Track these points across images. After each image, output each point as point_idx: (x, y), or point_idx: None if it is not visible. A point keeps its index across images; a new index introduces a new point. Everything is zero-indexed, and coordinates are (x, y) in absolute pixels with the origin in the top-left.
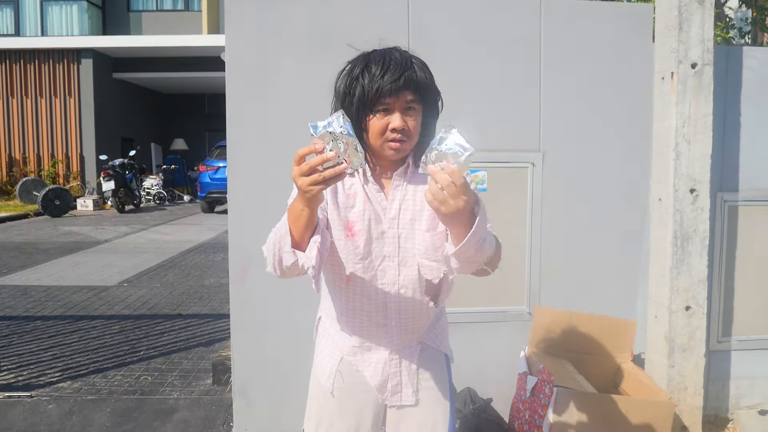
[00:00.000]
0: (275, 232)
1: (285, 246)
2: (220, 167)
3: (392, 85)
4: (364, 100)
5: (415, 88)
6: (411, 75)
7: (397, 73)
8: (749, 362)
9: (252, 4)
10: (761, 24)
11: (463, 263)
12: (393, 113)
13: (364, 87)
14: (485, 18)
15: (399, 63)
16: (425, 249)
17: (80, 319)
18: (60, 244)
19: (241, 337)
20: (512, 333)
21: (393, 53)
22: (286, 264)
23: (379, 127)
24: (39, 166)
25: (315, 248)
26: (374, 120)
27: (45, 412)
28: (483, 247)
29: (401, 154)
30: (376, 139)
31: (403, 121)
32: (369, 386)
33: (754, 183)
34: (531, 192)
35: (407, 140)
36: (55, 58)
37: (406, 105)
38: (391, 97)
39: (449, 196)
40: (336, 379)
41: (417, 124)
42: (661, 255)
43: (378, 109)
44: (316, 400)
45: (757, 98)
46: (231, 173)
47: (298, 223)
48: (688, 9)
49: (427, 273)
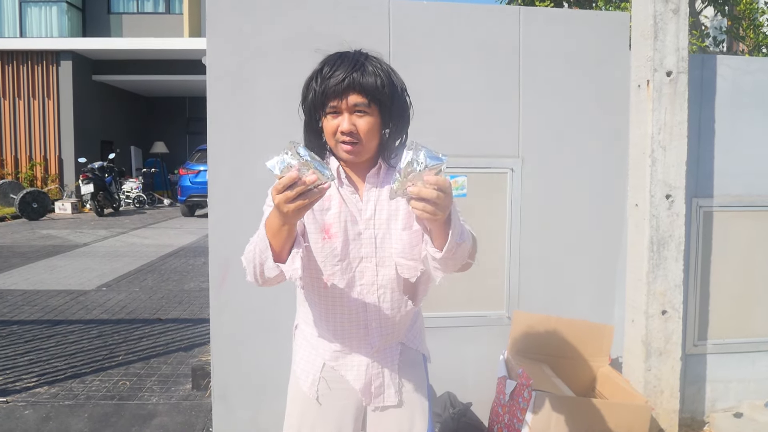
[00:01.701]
0: (254, 245)
1: (267, 261)
2: (200, 171)
3: (336, 87)
4: (315, 102)
5: (361, 91)
6: (357, 77)
7: (342, 75)
8: (725, 365)
9: (233, 9)
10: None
11: (448, 262)
12: (342, 115)
13: (315, 89)
14: (465, 25)
15: (349, 65)
16: (402, 248)
17: (58, 324)
18: (37, 247)
19: (221, 342)
20: (492, 337)
21: (347, 55)
22: (269, 276)
23: (330, 128)
24: (17, 169)
25: (299, 259)
26: (326, 121)
27: (21, 418)
28: (463, 240)
29: (357, 156)
30: (330, 140)
31: (350, 123)
32: (353, 390)
33: (729, 189)
34: (510, 197)
35: (359, 143)
36: (33, 59)
37: (354, 107)
38: (336, 98)
39: (442, 206)
40: (320, 386)
41: (371, 127)
42: (638, 260)
43: (327, 111)
44: (296, 406)
45: (730, 106)
46: (212, 178)
47: (278, 238)
48: (663, 18)
49: (405, 272)
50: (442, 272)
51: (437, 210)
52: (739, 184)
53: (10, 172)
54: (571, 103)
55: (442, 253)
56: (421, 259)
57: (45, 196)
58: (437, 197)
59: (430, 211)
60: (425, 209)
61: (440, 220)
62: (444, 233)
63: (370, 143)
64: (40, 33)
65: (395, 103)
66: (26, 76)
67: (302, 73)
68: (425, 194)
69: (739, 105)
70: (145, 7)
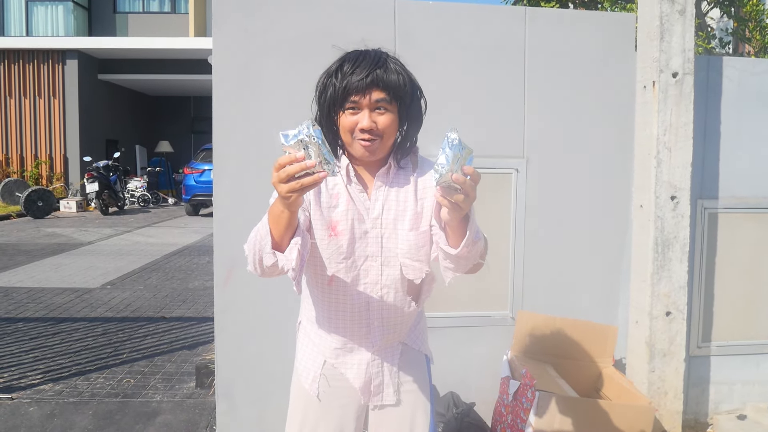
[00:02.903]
0: (256, 231)
1: (265, 247)
2: (205, 170)
3: (359, 83)
4: (335, 97)
5: (384, 87)
6: (381, 74)
7: (365, 71)
8: (729, 367)
9: (239, 8)
10: (741, 35)
11: (461, 261)
12: (362, 111)
13: (335, 84)
14: (470, 25)
15: (371, 61)
16: (408, 249)
17: (62, 322)
18: (42, 245)
19: (225, 341)
20: (495, 337)
21: (369, 52)
22: (266, 264)
23: (348, 124)
24: (22, 167)
25: (295, 250)
26: (343, 117)
27: (26, 415)
28: (479, 237)
29: (373, 154)
30: (346, 137)
31: (371, 120)
32: (353, 389)
33: (734, 190)
34: (515, 198)
35: (378, 140)
36: (40, 58)
37: (376, 104)
38: (358, 94)
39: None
40: (321, 383)
41: (390, 123)
42: (642, 261)
43: (347, 106)
44: (298, 404)
45: (736, 107)
46: (217, 176)
47: (278, 225)
48: (669, 19)
49: (410, 273)
50: (454, 272)
51: (467, 200)
52: (744, 186)
53: (15, 171)
54: (576, 103)
55: (459, 250)
56: (427, 261)
57: (50, 195)
58: (471, 187)
59: (460, 201)
60: (457, 198)
61: (465, 210)
62: (462, 229)
63: (389, 140)
64: (47, 32)
65: (413, 103)
66: (32, 75)
67: (308, 72)
68: (462, 183)
69: (745, 107)
70: (151, 6)
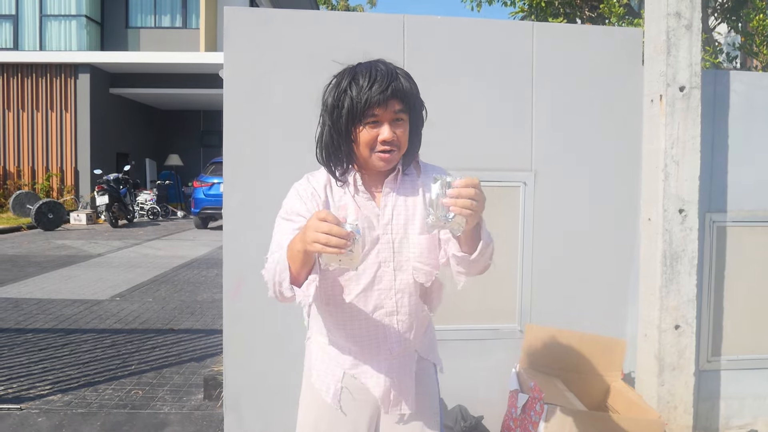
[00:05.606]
0: (275, 263)
1: (284, 282)
2: (214, 183)
3: (380, 96)
4: (354, 112)
5: (402, 98)
6: (398, 85)
7: (384, 84)
8: (739, 382)
9: (250, 22)
10: (749, 49)
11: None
12: (382, 125)
13: (353, 99)
14: (478, 40)
15: (385, 74)
16: (420, 252)
17: (71, 333)
18: (52, 257)
19: (234, 353)
20: (504, 351)
21: (378, 65)
22: (286, 296)
23: (368, 138)
24: (33, 180)
25: (313, 286)
26: (363, 132)
27: (35, 425)
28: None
29: (390, 164)
30: (365, 150)
31: (392, 132)
32: (372, 398)
33: (742, 204)
34: (523, 211)
35: (396, 150)
36: (52, 72)
37: (395, 115)
38: (380, 107)
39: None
40: (343, 395)
41: (405, 133)
42: (651, 274)
43: (367, 120)
44: (309, 417)
45: (744, 121)
46: (227, 189)
47: (296, 262)
48: (676, 34)
49: (420, 276)
50: (466, 276)
51: (478, 206)
52: (752, 199)
53: (26, 183)
54: (583, 117)
55: (475, 255)
56: (436, 264)
57: (60, 207)
58: (475, 194)
59: (472, 207)
60: (470, 207)
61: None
62: (476, 235)
63: (404, 150)
64: (60, 46)
65: (420, 111)
66: (45, 89)
67: (318, 87)
68: (465, 194)
69: (752, 120)
70: (163, 21)
